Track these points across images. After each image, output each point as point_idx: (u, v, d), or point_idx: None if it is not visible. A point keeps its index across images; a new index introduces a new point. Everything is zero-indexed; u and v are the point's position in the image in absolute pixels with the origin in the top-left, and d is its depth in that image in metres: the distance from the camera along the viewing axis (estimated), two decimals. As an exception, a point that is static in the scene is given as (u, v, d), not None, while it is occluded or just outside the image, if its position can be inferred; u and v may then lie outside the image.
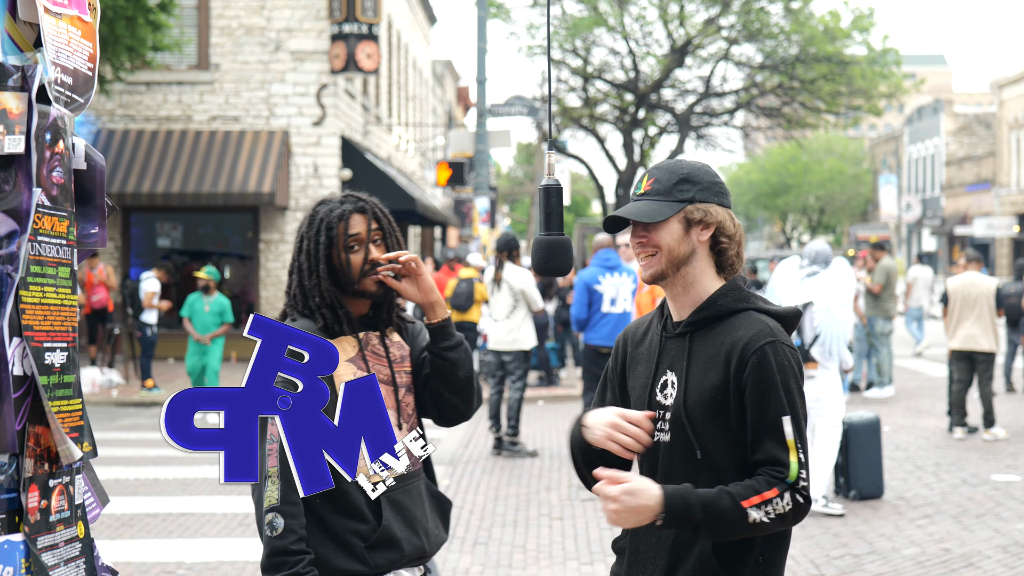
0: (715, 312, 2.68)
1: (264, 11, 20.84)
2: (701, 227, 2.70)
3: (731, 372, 2.60)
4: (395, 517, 3.16)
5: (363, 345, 3.27)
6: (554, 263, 2.84)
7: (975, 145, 54.16)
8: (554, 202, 2.84)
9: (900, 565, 7.36)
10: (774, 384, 2.58)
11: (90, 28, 2.38)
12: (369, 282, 3.25)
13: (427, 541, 3.24)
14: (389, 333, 3.36)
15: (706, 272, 2.72)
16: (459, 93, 51.16)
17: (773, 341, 2.61)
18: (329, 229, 3.26)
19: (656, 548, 2.72)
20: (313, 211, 3.33)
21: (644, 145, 31.10)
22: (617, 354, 2.89)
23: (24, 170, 2.17)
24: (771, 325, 2.65)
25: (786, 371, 2.60)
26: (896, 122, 75.02)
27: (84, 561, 2.33)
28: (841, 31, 28.10)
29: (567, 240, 2.84)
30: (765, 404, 2.58)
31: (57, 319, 2.26)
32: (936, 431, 12.79)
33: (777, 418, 2.56)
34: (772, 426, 2.57)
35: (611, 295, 10.72)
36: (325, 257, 3.26)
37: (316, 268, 3.26)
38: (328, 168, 20.89)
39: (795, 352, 2.65)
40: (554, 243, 2.83)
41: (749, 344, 2.61)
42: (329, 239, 3.27)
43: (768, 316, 2.67)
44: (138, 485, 9.92)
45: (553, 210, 2.84)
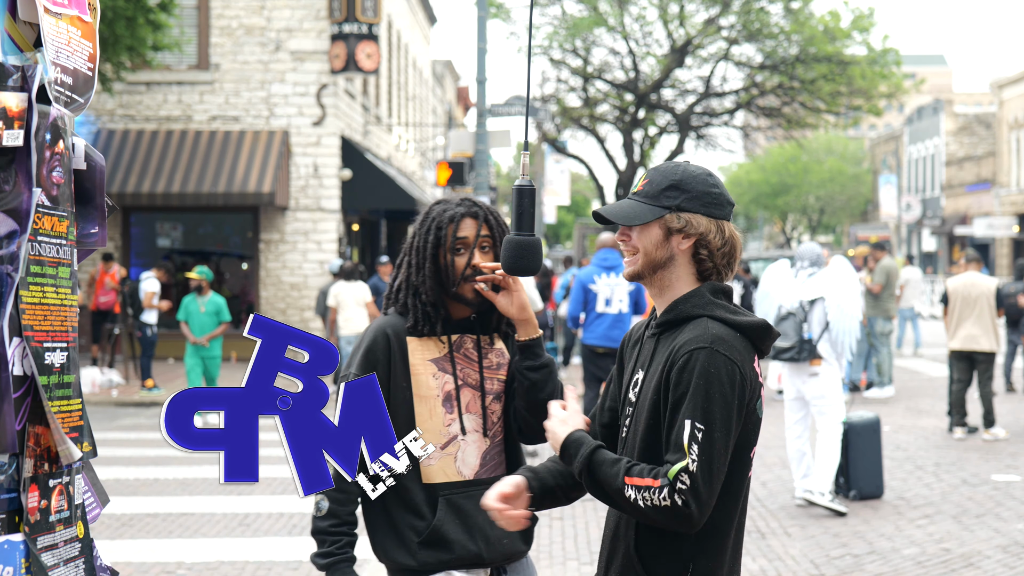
0: (676, 316, 2.69)
1: (264, 11, 20.85)
2: (681, 236, 2.69)
3: (664, 374, 2.61)
4: (451, 519, 3.23)
5: (453, 347, 3.30)
6: (523, 263, 2.87)
7: (975, 145, 54.16)
8: (526, 202, 2.85)
9: (900, 565, 7.36)
10: (692, 388, 2.54)
11: (90, 28, 2.38)
12: (468, 287, 3.28)
13: (486, 548, 3.26)
14: (494, 339, 3.37)
15: (683, 279, 2.71)
16: (459, 93, 51.16)
17: (706, 347, 2.57)
18: (439, 229, 3.30)
19: (604, 542, 2.80)
20: (428, 210, 3.37)
21: (644, 145, 31.09)
22: (620, 352, 2.93)
23: (24, 170, 2.17)
24: (715, 332, 2.60)
25: (710, 378, 2.54)
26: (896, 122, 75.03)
27: (84, 561, 2.33)
28: (841, 31, 28.09)
29: (537, 241, 2.88)
30: (678, 406, 2.56)
31: (57, 319, 2.26)
32: (936, 431, 12.79)
33: (682, 421, 2.53)
34: (677, 427, 2.54)
35: (606, 295, 10.71)
36: (432, 256, 3.29)
37: (422, 266, 3.30)
38: (328, 168, 20.89)
39: (733, 363, 2.58)
40: (524, 243, 2.86)
41: (682, 348, 2.60)
42: (437, 239, 3.30)
43: (722, 324, 2.64)
44: (138, 485, 9.92)
45: (525, 210, 2.85)
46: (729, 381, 2.56)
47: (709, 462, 2.52)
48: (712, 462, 2.52)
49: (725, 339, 2.60)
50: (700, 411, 2.53)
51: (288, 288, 20.80)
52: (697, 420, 2.52)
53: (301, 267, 20.79)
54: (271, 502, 9.19)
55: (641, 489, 2.54)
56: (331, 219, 20.91)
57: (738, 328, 2.65)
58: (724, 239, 2.71)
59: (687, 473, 2.51)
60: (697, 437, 2.52)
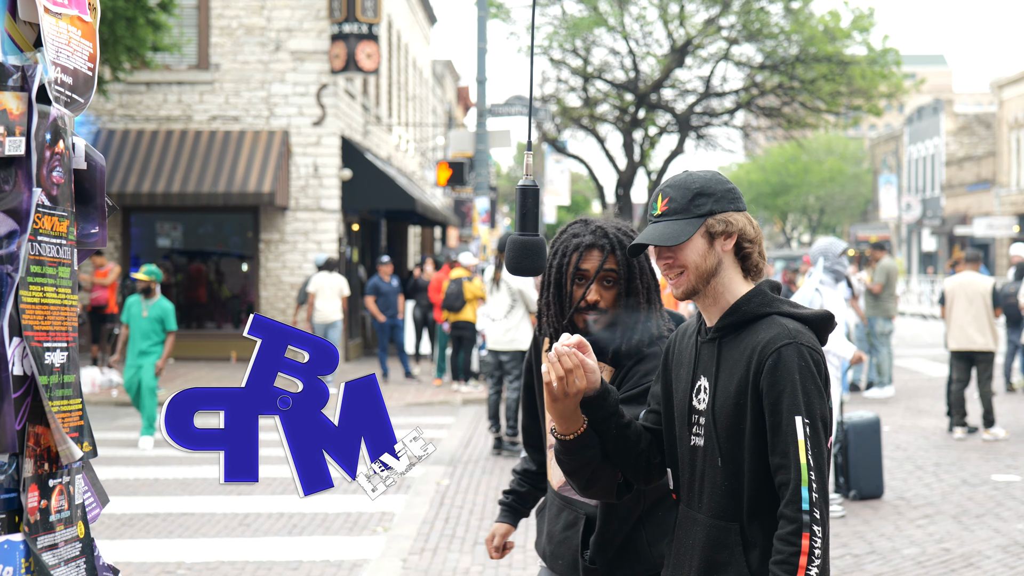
0: (740, 317, 2.70)
1: (264, 11, 20.85)
2: (724, 237, 2.71)
3: (751, 375, 2.61)
4: (543, 521, 3.51)
5: None
6: (527, 263, 2.86)
7: (975, 145, 54.14)
8: (530, 203, 2.85)
9: (900, 565, 7.36)
10: (789, 385, 2.57)
11: (90, 28, 2.38)
12: (580, 319, 3.28)
13: (550, 558, 3.46)
14: (603, 367, 3.29)
15: (734, 279, 2.73)
16: (459, 93, 51.16)
17: (790, 343, 2.60)
18: (563, 255, 3.30)
19: (691, 552, 2.75)
20: (561, 231, 3.37)
21: (644, 145, 31.09)
22: (665, 358, 2.92)
23: (24, 170, 2.17)
24: (791, 327, 2.64)
25: (804, 372, 2.58)
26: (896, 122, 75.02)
27: (84, 561, 2.33)
28: (841, 31, 28.09)
29: (541, 241, 2.86)
30: (779, 405, 2.57)
31: (57, 319, 2.26)
32: (936, 431, 12.79)
33: (791, 418, 2.55)
34: (786, 426, 2.56)
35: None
36: (556, 282, 3.30)
37: (548, 289, 3.33)
38: (328, 168, 20.89)
39: (817, 354, 2.62)
40: (528, 243, 2.85)
41: (767, 346, 2.61)
42: (561, 265, 3.29)
43: (791, 319, 2.67)
44: (138, 485, 9.92)
45: (528, 210, 2.85)
46: (818, 372, 2.61)
47: (821, 453, 2.57)
48: (823, 453, 2.57)
49: (803, 332, 2.65)
50: (803, 405, 2.56)
51: (288, 288, 20.80)
52: (807, 416, 2.56)
53: (301, 267, 20.78)
54: (271, 502, 9.19)
55: (812, 561, 2.52)
56: (331, 219, 20.90)
57: (805, 321, 2.69)
58: (755, 229, 2.76)
59: (814, 471, 2.54)
60: (808, 433, 2.56)
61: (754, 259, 2.74)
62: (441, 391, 16.85)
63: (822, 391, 2.60)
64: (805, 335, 2.64)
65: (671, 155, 30.05)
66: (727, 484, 2.64)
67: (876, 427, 9.44)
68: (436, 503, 9.25)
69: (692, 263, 2.71)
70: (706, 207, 2.70)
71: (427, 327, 19.66)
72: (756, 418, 2.61)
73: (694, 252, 2.70)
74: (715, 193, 2.72)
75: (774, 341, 2.61)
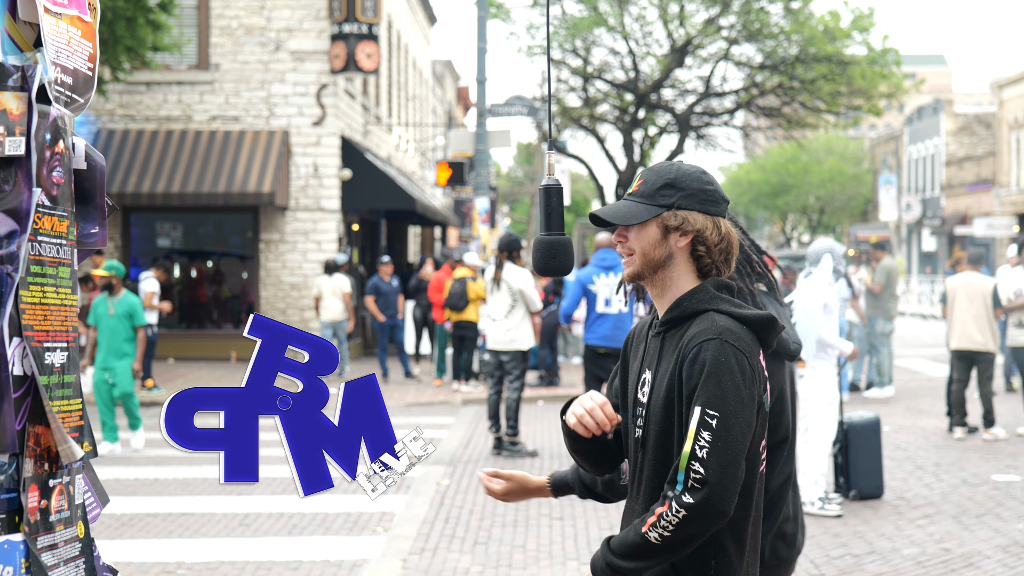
0: (681, 312, 2.70)
1: (264, 11, 20.85)
2: (679, 234, 2.71)
3: (677, 369, 2.63)
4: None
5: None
6: (555, 263, 2.83)
7: (975, 145, 54.14)
8: (554, 202, 2.83)
9: (900, 565, 7.36)
10: (703, 378, 2.57)
11: (90, 28, 2.38)
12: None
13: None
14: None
15: (684, 276, 2.73)
16: (459, 93, 51.16)
17: (714, 339, 2.60)
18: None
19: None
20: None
21: (644, 145, 31.08)
22: (624, 350, 2.93)
23: (24, 170, 2.17)
24: (722, 324, 2.63)
25: (721, 367, 2.57)
26: (896, 122, 75.02)
27: (84, 561, 2.33)
28: (841, 31, 28.09)
29: (568, 240, 2.83)
30: (691, 398, 2.59)
31: (57, 319, 2.26)
32: (936, 431, 12.79)
33: (693, 407, 2.57)
34: (688, 415, 2.58)
35: (605, 295, 10.75)
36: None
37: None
38: (328, 168, 20.89)
39: (742, 353, 2.60)
40: (555, 243, 2.82)
41: (692, 340, 2.62)
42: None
43: (727, 317, 2.66)
44: (138, 485, 9.92)
45: (554, 210, 2.83)
46: (740, 370, 2.58)
47: (725, 448, 2.53)
48: (728, 448, 2.53)
49: (733, 330, 2.63)
50: (713, 399, 2.55)
51: (288, 288, 20.81)
52: (708, 407, 2.54)
53: (301, 267, 20.79)
54: (271, 502, 9.19)
55: (656, 524, 2.56)
56: (331, 219, 20.91)
57: (744, 321, 2.67)
58: (721, 235, 2.73)
59: (697, 460, 2.53)
60: (709, 423, 2.53)
61: (707, 262, 2.73)
62: (441, 391, 16.85)
63: (740, 389, 2.57)
64: (733, 333, 2.62)
65: (671, 155, 30.03)
66: (658, 477, 2.67)
67: (876, 427, 9.42)
68: (436, 503, 9.25)
69: (641, 249, 2.72)
70: (670, 199, 2.71)
71: (427, 327, 19.66)
72: (682, 411, 2.63)
73: (645, 239, 2.71)
74: (686, 189, 2.72)
75: (699, 336, 2.62)
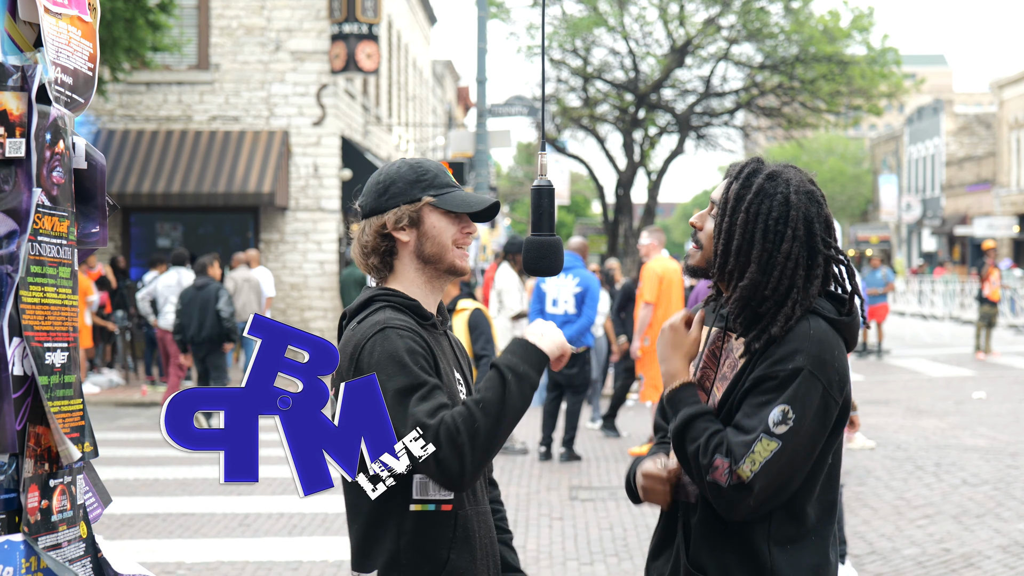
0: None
1: (264, 11, 20.85)
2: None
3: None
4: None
5: (708, 341, 2.84)
6: (545, 263, 2.83)
7: (975, 145, 54.15)
8: (545, 202, 2.82)
9: (900, 565, 7.36)
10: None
11: (90, 28, 2.38)
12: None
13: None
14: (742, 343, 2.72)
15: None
16: (459, 93, 51.15)
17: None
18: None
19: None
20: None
21: (644, 145, 31.06)
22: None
23: (24, 170, 2.17)
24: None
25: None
26: (896, 122, 74.99)
27: (90, 560, 2.33)
28: (841, 31, 28.08)
29: (558, 240, 2.82)
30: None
31: (57, 319, 2.26)
32: (936, 431, 12.79)
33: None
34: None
35: (553, 295, 10.93)
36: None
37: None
38: (328, 168, 20.89)
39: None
40: (545, 243, 2.81)
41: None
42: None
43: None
44: (138, 485, 9.92)
45: (544, 211, 2.82)
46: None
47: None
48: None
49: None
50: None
51: (288, 288, 20.81)
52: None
53: (301, 267, 20.79)
54: (271, 502, 9.19)
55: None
56: (331, 219, 20.90)
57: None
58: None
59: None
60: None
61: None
62: (441, 391, 16.83)
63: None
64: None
65: (671, 155, 30.03)
66: None
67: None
68: (436, 503, 9.24)
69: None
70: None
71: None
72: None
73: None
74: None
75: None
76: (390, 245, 2.80)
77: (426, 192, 2.80)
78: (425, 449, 2.49)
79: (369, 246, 2.81)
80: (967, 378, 18.14)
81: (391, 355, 2.61)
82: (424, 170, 2.83)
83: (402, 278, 2.83)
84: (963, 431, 12.64)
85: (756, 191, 2.70)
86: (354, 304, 2.82)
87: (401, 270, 2.83)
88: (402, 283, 2.82)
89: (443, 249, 2.81)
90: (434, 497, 2.67)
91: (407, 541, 2.66)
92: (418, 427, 2.51)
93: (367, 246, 2.81)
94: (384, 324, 2.67)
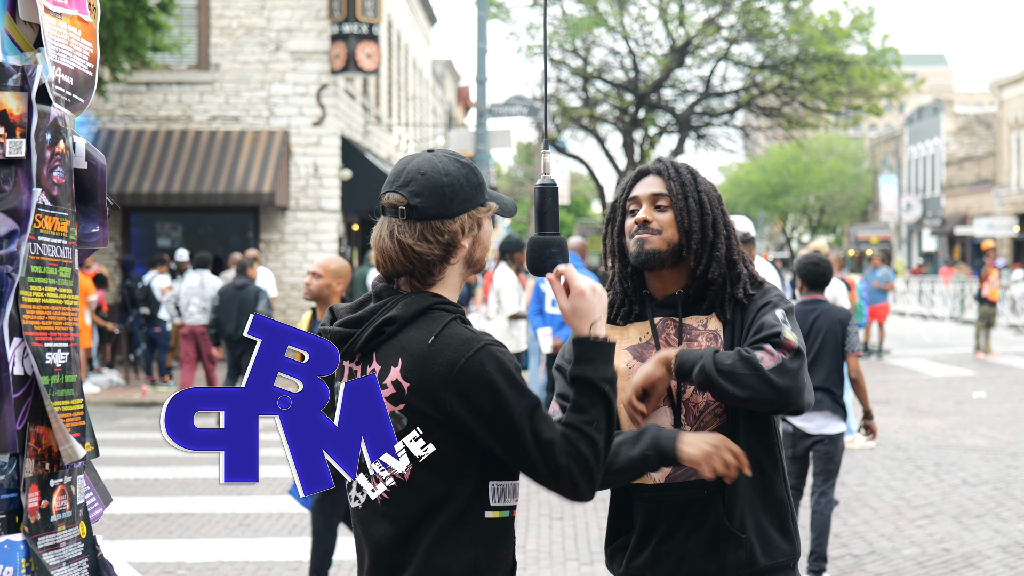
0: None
1: (264, 11, 20.85)
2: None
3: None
4: (647, 527, 3.13)
5: (657, 332, 3.02)
6: (548, 263, 2.78)
7: (975, 145, 54.16)
8: (549, 201, 2.78)
9: (900, 565, 7.36)
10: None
11: (90, 28, 2.39)
12: (630, 243, 3.03)
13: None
14: (708, 321, 3.00)
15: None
16: (459, 93, 51.17)
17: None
18: (621, 190, 3.10)
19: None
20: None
21: (644, 145, 31.08)
22: None
23: (24, 170, 2.17)
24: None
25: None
26: (896, 122, 75.01)
27: (87, 561, 2.33)
28: (841, 31, 28.10)
29: (562, 239, 2.78)
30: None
31: (58, 319, 2.26)
32: (936, 431, 12.79)
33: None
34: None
35: (551, 296, 10.93)
36: (610, 219, 3.11)
37: (614, 248, 3.10)
38: (328, 168, 20.89)
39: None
40: (549, 242, 2.77)
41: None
42: (615, 200, 3.08)
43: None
44: (138, 485, 9.92)
45: (548, 209, 2.79)
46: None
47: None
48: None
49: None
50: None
51: (288, 288, 20.80)
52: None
53: (301, 267, 20.78)
54: (271, 502, 9.19)
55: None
56: (331, 219, 20.91)
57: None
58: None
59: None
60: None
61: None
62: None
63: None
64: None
65: (671, 155, 30.05)
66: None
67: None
68: (436, 503, 9.24)
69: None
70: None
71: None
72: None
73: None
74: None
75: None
76: (452, 250, 2.56)
77: (485, 196, 2.63)
78: (425, 449, 2.49)
79: (426, 250, 2.52)
80: (967, 378, 18.15)
81: (506, 375, 2.45)
82: (478, 172, 2.64)
83: (447, 284, 2.59)
84: (963, 431, 12.64)
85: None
86: (402, 311, 2.52)
87: (450, 275, 2.58)
88: (446, 289, 2.59)
89: (487, 253, 2.67)
90: (509, 504, 2.56)
91: (483, 549, 2.52)
92: (551, 444, 2.42)
93: (422, 250, 2.52)
94: (481, 341, 2.48)
